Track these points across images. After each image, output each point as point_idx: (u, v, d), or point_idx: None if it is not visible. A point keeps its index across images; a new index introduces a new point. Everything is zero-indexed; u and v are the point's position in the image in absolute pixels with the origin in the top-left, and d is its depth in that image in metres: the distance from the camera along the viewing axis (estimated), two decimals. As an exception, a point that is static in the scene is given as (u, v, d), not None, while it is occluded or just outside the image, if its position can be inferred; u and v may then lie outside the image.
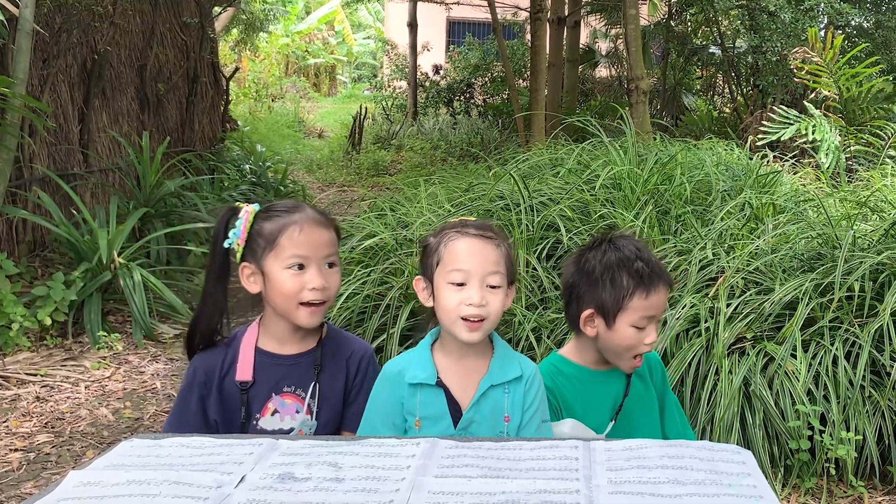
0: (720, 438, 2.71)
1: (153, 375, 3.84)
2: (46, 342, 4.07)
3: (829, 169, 5.87)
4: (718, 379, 2.84)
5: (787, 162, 5.68)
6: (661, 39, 11.45)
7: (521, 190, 3.93)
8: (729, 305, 3.06)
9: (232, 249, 1.57)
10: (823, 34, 7.65)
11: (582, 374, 1.69)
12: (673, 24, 10.90)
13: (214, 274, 1.60)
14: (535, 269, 3.45)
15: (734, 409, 2.77)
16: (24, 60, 4.12)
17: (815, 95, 7.25)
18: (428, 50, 15.32)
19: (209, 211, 6.04)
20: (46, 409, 3.41)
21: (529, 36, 9.13)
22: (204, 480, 1.05)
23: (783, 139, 6.43)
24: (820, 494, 2.73)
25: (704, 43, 11.28)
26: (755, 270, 3.31)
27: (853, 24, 9.03)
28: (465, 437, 1.33)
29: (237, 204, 1.60)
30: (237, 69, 11.05)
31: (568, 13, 10.61)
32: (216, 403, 1.55)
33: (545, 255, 3.61)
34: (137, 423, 3.34)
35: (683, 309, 3.07)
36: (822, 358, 2.89)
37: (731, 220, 3.82)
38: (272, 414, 1.56)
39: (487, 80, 13.75)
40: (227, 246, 1.56)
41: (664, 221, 3.88)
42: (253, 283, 1.56)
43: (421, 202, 4.31)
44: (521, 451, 1.17)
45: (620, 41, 11.82)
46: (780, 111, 6.61)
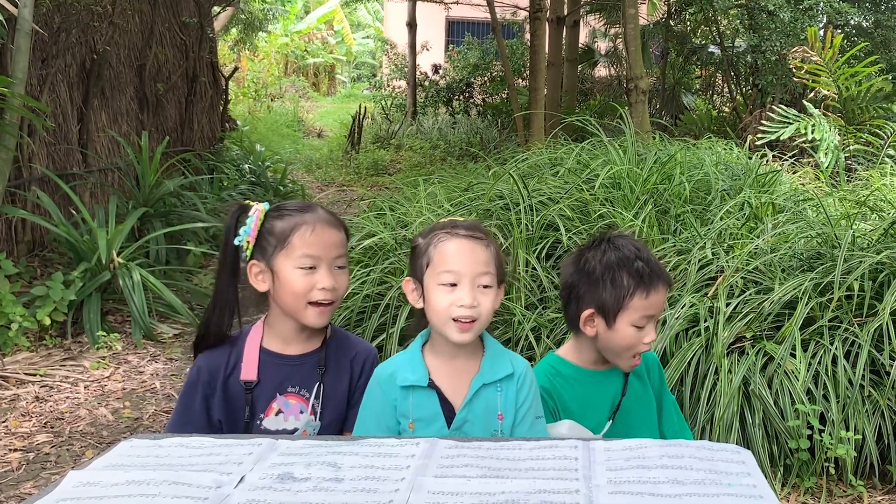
0: (720, 438, 2.71)
1: (152, 375, 3.84)
2: (46, 342, 4.06)
3: (828, 168, 5.87)
4: (718, 378, 2.84)
5: (786, 161, 5.68)
6: (660, 39, 11.46)
7: (520, 189, 3.93)
8: (728, 305, 3.06)
9: (241, 247, 1.56)
10: (822, 33, 7.66)
11: (580, 374, 1.69)
12: (672, 23, 10.90)
13: (226, 272, 1.58)
14: (534, 268, 3.45)
15: (734, 408, 2.77)
16: (22, 60, 4.11)
17: (814, 95, 7.26)
18: (427, 49, 15.31)
19: (209, 211, 6.05)
20: (46, 409, 3.41)
21: (528, 35, 9.11)
22: (203, 481, 1.05)
23: (782, 138, 6.43)
24: (819, 494, 2.74)
25: (704, 42, 11.29)
26: (754, 270, 3.31)
27: (852, 23, 9.04)
28: (464, 437, 1.33)
29: (247, 202, 1.59)
30: (236, 69, 11.05)
31: (567, 12, 10.61)
32: (220, 403, 1.54)
33: (545, 254, 3.61)
34: (137, 423, 3.34)
35: (683, 308, 3.07)
36: (821, 357, 2.89)
37: (730, 219, 3.82)
38: (276, 414, 1.56)
39: (487, 79, 13.75)
40: (237, 244, 1.55)
41: (663, 221, 3.88)
42: (261, 281, 1.55)
43: (420, 202, 4.31)
44: (520, 450, 1.17)
45: (620, 40, 11.82)
46: (779, 110, 6.61)
